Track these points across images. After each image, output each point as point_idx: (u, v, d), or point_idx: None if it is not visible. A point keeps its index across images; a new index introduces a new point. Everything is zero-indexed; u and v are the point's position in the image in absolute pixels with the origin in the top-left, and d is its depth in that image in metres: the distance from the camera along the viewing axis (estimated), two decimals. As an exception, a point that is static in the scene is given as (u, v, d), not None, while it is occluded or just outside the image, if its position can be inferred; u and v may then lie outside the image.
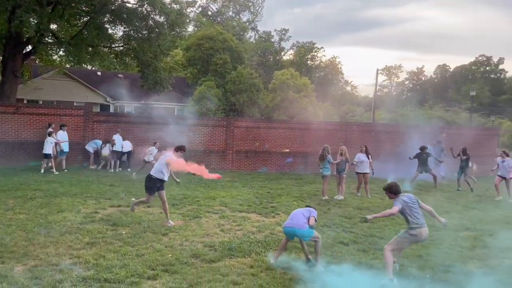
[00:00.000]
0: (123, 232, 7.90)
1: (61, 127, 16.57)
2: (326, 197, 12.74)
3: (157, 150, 15.87)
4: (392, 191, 6.19)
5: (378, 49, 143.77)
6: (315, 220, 6.61)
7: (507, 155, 14.56)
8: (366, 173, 13.62)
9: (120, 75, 36.06)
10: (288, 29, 66.62)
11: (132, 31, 22.84)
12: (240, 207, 10.87)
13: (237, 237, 8.01)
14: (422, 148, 16.29)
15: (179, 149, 8.80)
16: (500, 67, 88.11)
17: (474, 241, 8.37)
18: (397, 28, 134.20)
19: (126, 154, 17.59)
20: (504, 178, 14.24)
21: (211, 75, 39.31)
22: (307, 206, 7.04)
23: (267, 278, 5.93)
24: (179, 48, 42.35)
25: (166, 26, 22.58)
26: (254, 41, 61.73)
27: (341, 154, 13.28)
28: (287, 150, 20.72)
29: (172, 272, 6.00)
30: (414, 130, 20.37)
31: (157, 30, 22.26)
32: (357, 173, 13.96)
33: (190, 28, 53.25)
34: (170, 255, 6.73)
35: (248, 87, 37.57)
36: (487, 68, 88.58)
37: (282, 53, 65.86)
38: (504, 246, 8.05)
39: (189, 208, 10.44)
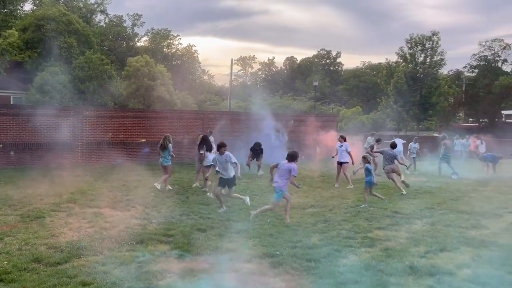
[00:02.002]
0: None
1: None
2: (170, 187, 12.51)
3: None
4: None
5: (232, 40, 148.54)
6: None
7: (345, 140, 14.37)
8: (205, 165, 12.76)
9: None
10: (141, 15, 63.98)
11: (-52, 5, 19.24)
12: (91, 202, 10.14)
13: (88, 235, 7.45)
14: (258, 145, 16.44)
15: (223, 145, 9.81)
16: (338, 60, 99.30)
17: (317, 217, 9.28)
18: (250, 20, 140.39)
19: None
20: (341, 163, 13.94)
21: (54, 60, 35.53)
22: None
23: (122, 274, 5.65)
24: (13, 28, 37.27)
25: (-5, 2, 19.57)
26: (104, 25, 57.80)
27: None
28: (144, 140, 20.04)
29: (8, 281, 5.30)
30: (266, 118, 21.58)
31: (-17, 6, 19.15)
32: None
33: (28, 7, 47.41)
34: (5, 262, 5.93)
35: (98, 73, 35.04)
36: (327, 61, 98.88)
37: (136, 39, 63.21)
38: (341, 219, 9.12)
39: (29, 207, 9.32)
